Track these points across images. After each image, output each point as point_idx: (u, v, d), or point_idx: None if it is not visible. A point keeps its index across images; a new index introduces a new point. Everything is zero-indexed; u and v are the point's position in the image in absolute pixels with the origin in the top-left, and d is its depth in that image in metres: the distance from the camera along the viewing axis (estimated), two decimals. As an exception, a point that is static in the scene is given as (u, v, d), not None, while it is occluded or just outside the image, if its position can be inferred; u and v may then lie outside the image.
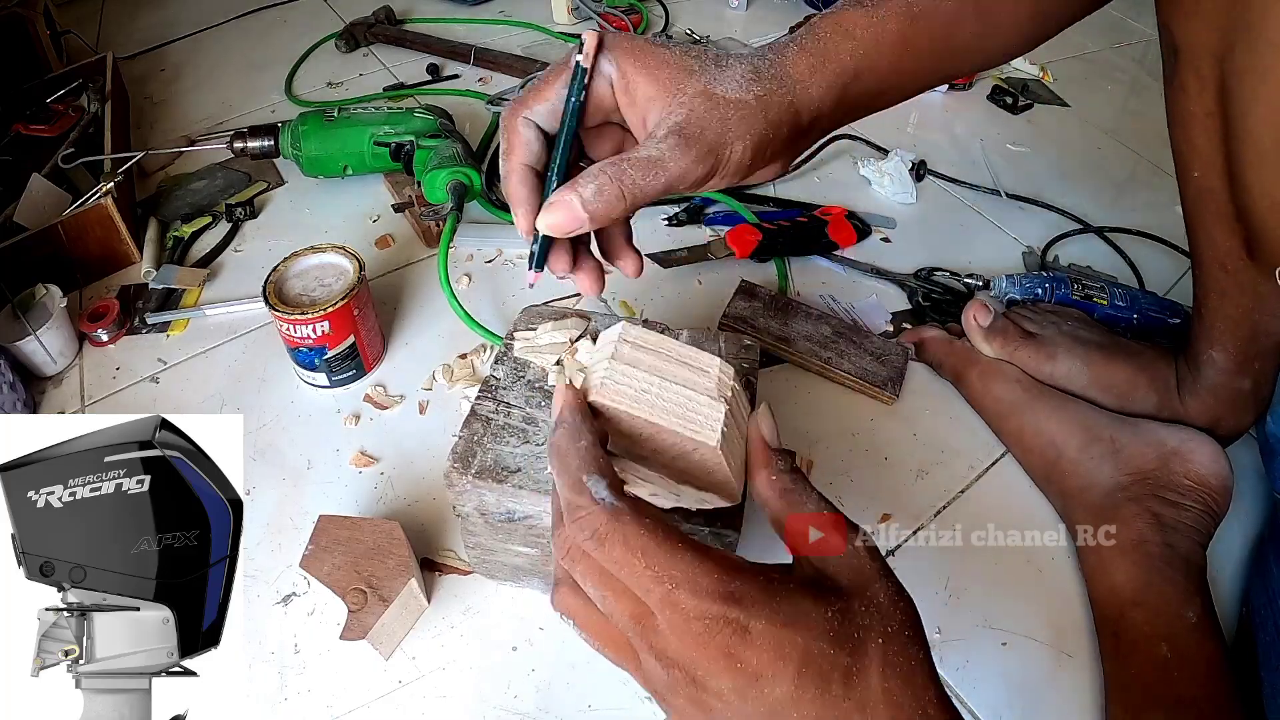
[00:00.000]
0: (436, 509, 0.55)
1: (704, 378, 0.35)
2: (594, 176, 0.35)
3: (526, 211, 0.38)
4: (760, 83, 0.37)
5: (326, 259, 0.62)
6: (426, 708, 0.46)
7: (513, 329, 0.51)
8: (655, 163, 0.35)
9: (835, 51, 0.38)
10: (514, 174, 0.38)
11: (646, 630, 0.28)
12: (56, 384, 0.65)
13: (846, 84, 0.39)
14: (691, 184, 0.36)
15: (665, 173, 0.35)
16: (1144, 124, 0.99)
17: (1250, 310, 0.50)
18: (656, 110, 0.36)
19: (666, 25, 1.18)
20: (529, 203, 0.38)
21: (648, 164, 0.35)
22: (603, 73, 0.37)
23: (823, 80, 0.38)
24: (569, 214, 0.35)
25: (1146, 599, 0.48)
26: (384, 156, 0.80)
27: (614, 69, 0.37)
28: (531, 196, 0.38)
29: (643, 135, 0.38)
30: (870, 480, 0.58)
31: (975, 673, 0.48)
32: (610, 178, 0.34)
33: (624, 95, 0.37)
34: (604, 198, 0.35)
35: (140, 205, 0.82)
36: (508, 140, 0.38)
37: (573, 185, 0.35)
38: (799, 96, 0.38)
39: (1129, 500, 0.52)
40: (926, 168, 0.87)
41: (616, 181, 0.34)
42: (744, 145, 0.36)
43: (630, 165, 0.35)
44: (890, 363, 0.64)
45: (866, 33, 0.39)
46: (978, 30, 0.42)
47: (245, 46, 1.13)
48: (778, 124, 0.37)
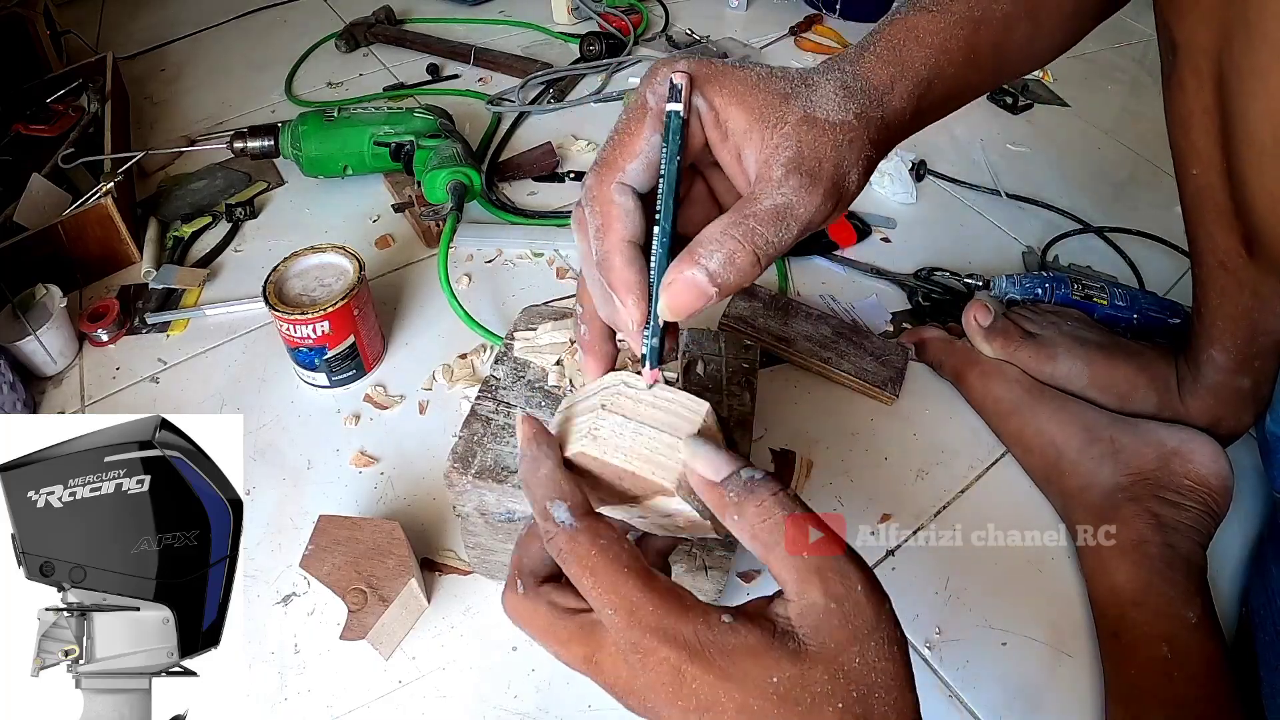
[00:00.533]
0: (436, 509, 0.55)
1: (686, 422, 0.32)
2: (719, 243, 0.30)
3: (640, 299, 0.32)
4: (854, 100, 0.33)
5: (326, 259, 0.62)
6: (426, 708, 0.46)
7: (513, 329, 0.51)
8: (785, 212, 0.30)
9: (911, 60, 0.36)
10: (618, 255, 0.32)
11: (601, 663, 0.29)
12: (56, 384, 0.65)
13: (922, 94, 0.36)
14: (819, 225, 0.32)
15: (798, 221, 0.31)
16: (1144, 124, 0.99)
17: (1250, 309, 0.50)
18: (754, 144, 0.32)
19: (666, 25, 1.18)
20: (641, 288, 0.32)
21: (777, 215, 0.30)
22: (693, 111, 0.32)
23: (903, 91, 0.35)
24: (695, 293, 0.30)
25: (1147, 599, 0.48)
26: (384, 156, 0.80)
27: (704, 103, 0.32)
28: (641, 279, 0.32)
29: (737, 171, 0.33)
30: (870, 480, 0.58)
31: (975, 673, 0.48)
32: (740, 241, 0.30)
33: (715, 131, 0.33)
34: (736, 267, 0.30)
35: (140, 205, 0.82)
36: (602, 214, 0.32)
37: (693, 258, 0.30)
38: (887, 112, 0.35)
39: (1129, 500, 0.52)
40: (926, 167, 0.87)
41: (749, 244, 0.30)
42: (858, 172, 0.33)
43: (758, 222, 0.30)
44: (890, 363, 0.64)
45: (938, 40, 0.37)
46: (1029, 32, 0.41)
47: (245, 46, 1.13)
48: (878, 143, 0.34)
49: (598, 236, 0.32)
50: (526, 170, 0.86)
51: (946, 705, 0.47)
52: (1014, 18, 0.40)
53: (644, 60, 1.09)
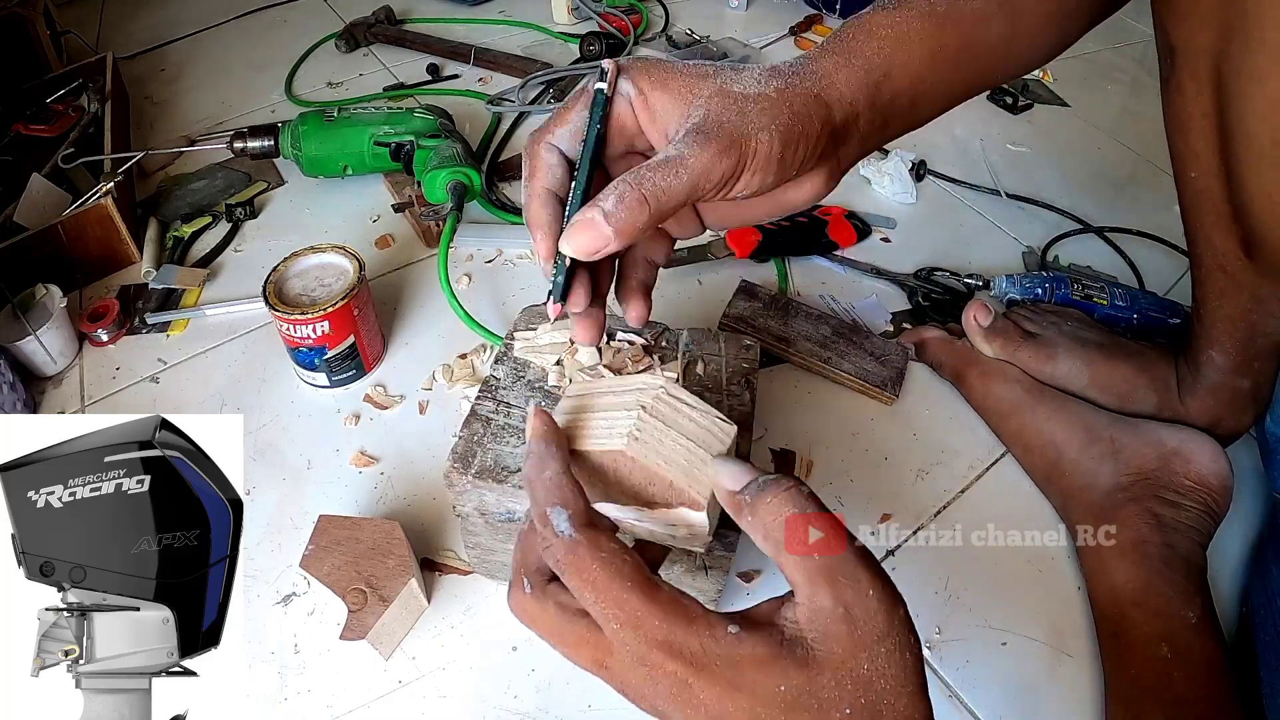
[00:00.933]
0: (436, 509, 0.55)
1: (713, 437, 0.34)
2: (614, 189, 0.33)
3: (546, 235, 0.36)
4: (780, 78, 0.36)
5: (326, 259, 0.62)
6: (426, 708, 0.46)
7: (513, 328, 0.51)
8: (674, 161, 0.33)
9: (860, 48, 0.38)
10: (535, 198, 0.37)
11: (612, 667, 0.29)
12: (56, 384, 0.65)
13: (878, 82, 0.38)
14: (718, 181, 0.34)
15: (686, 170, 0.33)
16: (1144, 124, 0.99)
17: (1249, 311, 0.50)
18: (675, 120, 0.35)
19: (666, 25, 1.18)
20: (550, 227, 0.36)
21: (666, 165, 0.33)
22: (622, 94, 0.36)
23: (850, 77, 0.37)
24: (593, 232, 0.33)
25: (1147, 599, 0.48)
26: (384, 156, 0.80)
27: (632, 88, 0.36)
28: (553, 221, 0.36)
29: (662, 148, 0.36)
30: (870, 480, 0.58)
31: (975, 673, 0.48)
32: (630, 184, 0.32)
33: (644, 113, 0.36)
34: (625, 205, 0.32)
35: (140, 205, 0.82)
36: (530, 165, 0.37)
37: (593, 202, 0.33)
38: (826, 90, 0.37)
39: (1129, 500, 0.52)
40: (926, 167, 0.87)
41: (636, 187, 0.32)
42: (769, 135, 0.34)
43: (648, 169, 0.33)
44: (890, 363, 0.64)
45: (890, 30, 0.39)
46: (1005, 32, 0.42)
47: (245, 46, 1.13)
48: (805, 116, 0.35)
49: (526, 183, 0.37)
50: (526, 170, 0.86)
51: (946, 705, 0.47)
52: (987, 16, 0.41)
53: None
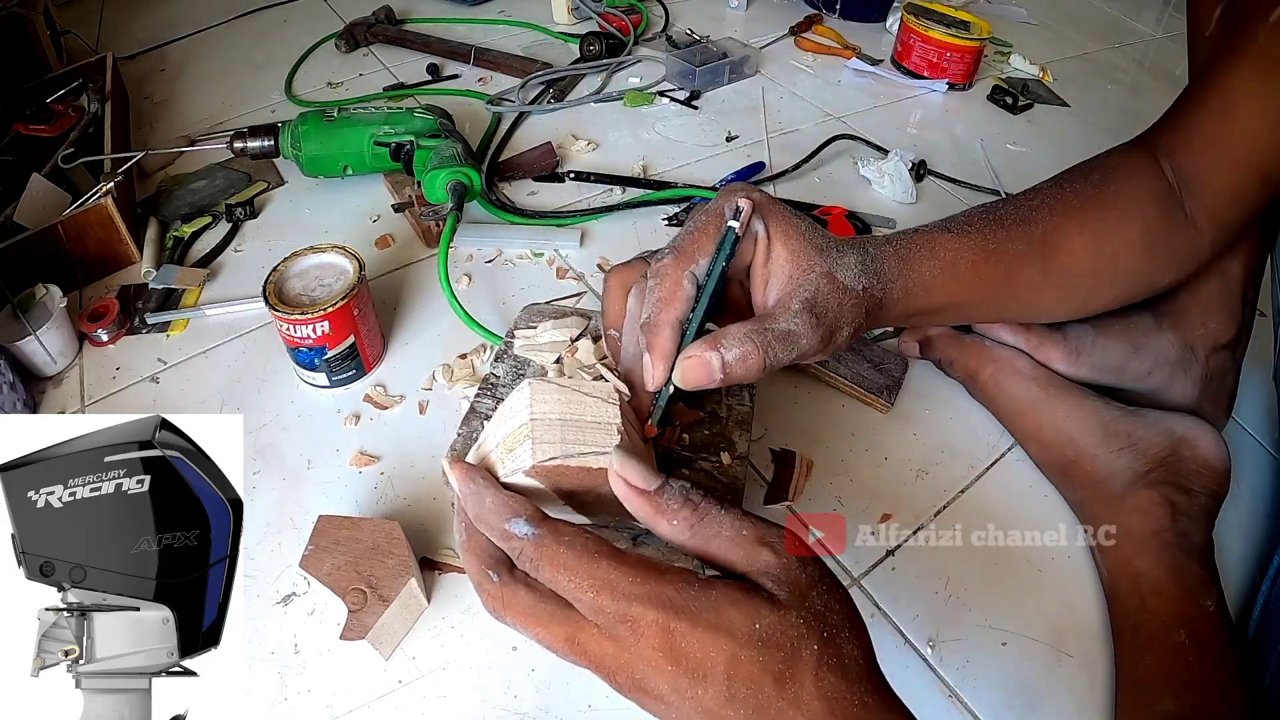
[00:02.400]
0: (436, 509, 0.55)
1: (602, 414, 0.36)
2: (740, 341, 0.37)
3: (667, 366, 0.38)
4: (867, 275, 0.41)
5: (326, 259, 0.62)
6: (426, 708, 0.46)
7: (513, 326, 0.51)
8: (793, 337, 0.37)
9: (919, 265, 0.44)
10: (668, 326, 0.38)
11: (584, 643, 0.30)
12: (56, 384, 0.65)
13: (919, 293, 0.44)
14: (808, 359, 0.39)
15: (798, 349, 0.38)
16: (1144, 124, 0.99)
17: (1220, 292, 0.53)
18: (781, 278, 0.39)
19: (666, 25, 1.18)
20: (671, 358, 0.38)
21: (787, 338, 0.37)
22: (751, 233, 0.39)
23: (904, 285, 0.43)
24: (705, 373, 0.37)
25: (1167, 588, 0.48)
26: (384, 156, 0.80)
27: (763, 232, 0.39)
28: (674, 353, 0.39)
29: (760, 288, 0.40)
30: (870, 480, 0.58)
31: (975, 673, 0.48)
32: (756, 346, 0.37)
33: (760, 256, 0.40)
34: (746, 365, 0.37)
35: (140, 205, 0.82)
36: (665, 290, 0.39)
37: (715, 344, 0.36)
38: (886, 295, 0.42)
39: (1147, 488, 0.52)
40: (927, 168, 0.87)
41: (761, 350, 0.37)
42: (849, 331, 0.40)
43: (775, 338, 0.37)
44: (888, 371, 0.64)
45: (948, 256, 0.44)
46: (1036, 277, 0.47)
47: (245, 46, 1.13)
48: (869, 315, 0.41)
49: (657, 306, 0.39)
50: (526, 170, 0.86)
51: (946, 705, 0.47)
52: (1026, 259, 0.47)
53: (644, 60, 1.09)
